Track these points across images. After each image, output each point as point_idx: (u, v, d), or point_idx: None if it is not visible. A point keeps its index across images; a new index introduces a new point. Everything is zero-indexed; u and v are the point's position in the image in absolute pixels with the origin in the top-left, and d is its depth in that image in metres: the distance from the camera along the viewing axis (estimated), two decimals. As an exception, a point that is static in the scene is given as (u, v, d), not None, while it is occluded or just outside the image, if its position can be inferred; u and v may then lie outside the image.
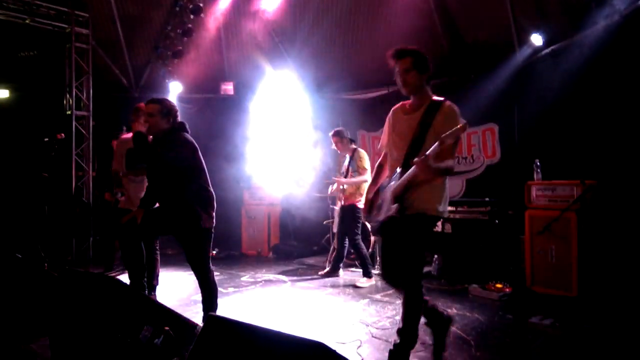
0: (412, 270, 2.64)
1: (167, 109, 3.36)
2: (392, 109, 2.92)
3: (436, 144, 2.38)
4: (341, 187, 5.41)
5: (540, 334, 3.43)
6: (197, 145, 3.44)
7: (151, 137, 3.45)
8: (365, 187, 4.93)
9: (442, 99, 2.70)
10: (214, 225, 3.45)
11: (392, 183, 2.70)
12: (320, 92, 8.31)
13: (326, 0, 7.28)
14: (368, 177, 5.10)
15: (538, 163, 4.84)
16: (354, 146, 5.49)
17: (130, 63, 8.21)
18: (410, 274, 2.63)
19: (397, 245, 2.71)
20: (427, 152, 2.40)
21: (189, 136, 3.41)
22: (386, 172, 2.93)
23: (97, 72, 7.20)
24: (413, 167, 2.47)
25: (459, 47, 7.09)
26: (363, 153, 5.42)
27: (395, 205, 2.60)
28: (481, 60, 6.78)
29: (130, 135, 4.57)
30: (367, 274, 5.26)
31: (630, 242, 4.22)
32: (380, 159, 3.06)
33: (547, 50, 5.85)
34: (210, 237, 3.45)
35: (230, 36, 8.24)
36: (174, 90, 7.99)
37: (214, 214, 3.45)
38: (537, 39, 5.85)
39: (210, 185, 3.52)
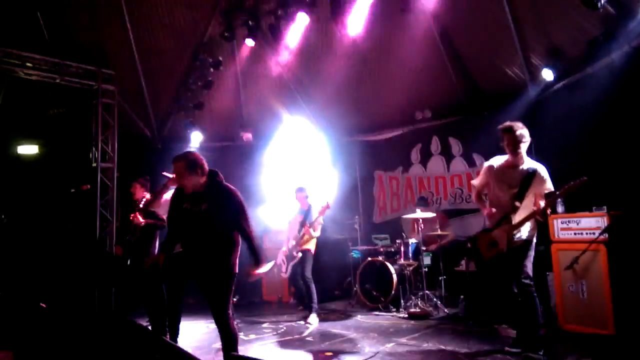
0: (529, 277, 3.67)
1: (192, 162, 3.29)
2: (494, 164, 3.90)
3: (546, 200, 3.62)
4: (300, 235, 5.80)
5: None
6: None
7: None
8: (314, 239, 5.84)
9: (536, 164, 3.77)
10: (237, 271, 3.41)
11: (502, 226, 3.75)
12: (336, 135, 8.46)
13: (340, 47, 7.52)
14: (319, 232, 5.89)
15: (560, 196, 4.74)
16: (309, 202, 5.95)
17: (153, 115, 8.47)
18: (528, 281, 3.65)
19: (509, 267, 3.74)
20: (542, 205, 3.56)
21: (228, 184, 3.38)
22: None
23: (121, 125, 7.44)
24: (529, 213, 3.62)
25: (473, 87, 7.21)
26: (318, 210, 5.77)
27: (507, 242, 3.71)
28: (494, 98, 6.86)
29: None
30: (317, 312, 5.65)
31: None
32: (478, 197, 4.19)
33: (559, 85, 5.91)
34: (234, 283, 3.38)
35: (248, 85, 8.53)
36: (195, 140, 8.22)
37: (237, 260, 3.41)
38: (548, 74, 5.92)
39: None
